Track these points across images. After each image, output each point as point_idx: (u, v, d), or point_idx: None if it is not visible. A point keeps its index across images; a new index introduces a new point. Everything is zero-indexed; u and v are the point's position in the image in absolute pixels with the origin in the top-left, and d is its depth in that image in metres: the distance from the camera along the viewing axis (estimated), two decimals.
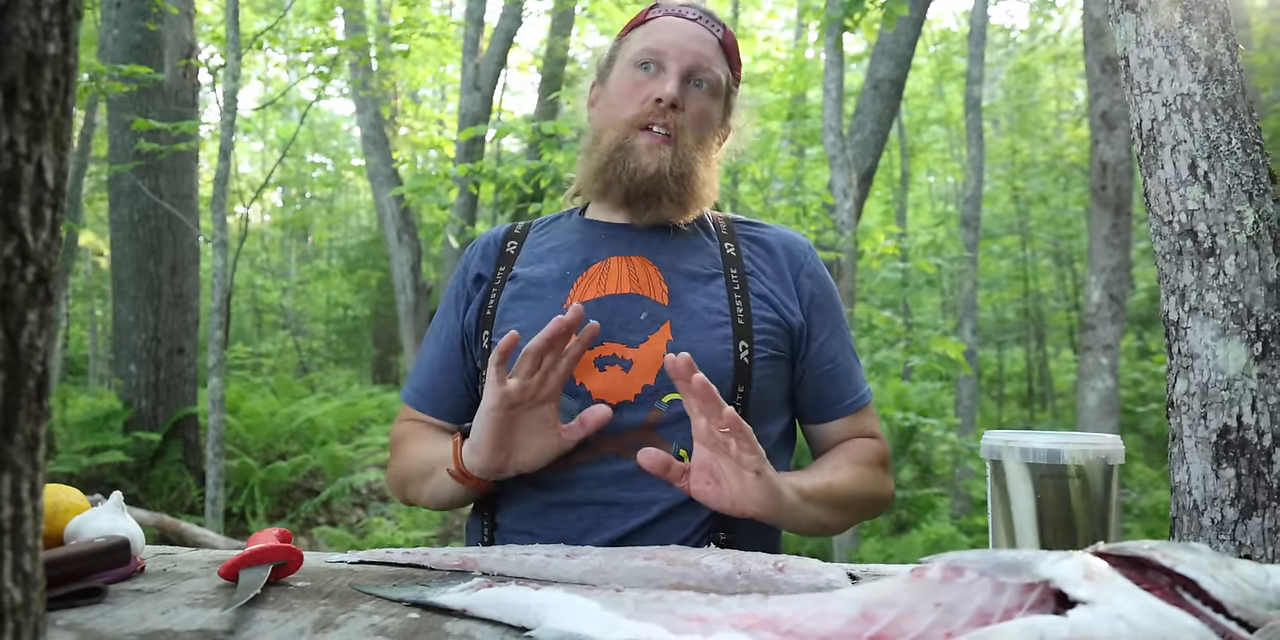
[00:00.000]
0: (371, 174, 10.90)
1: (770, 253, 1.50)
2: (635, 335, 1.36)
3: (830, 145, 5.82)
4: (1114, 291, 6.04)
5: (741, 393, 1.35)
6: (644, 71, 1.44)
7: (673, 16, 1.47)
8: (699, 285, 1.41)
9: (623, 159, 1.40)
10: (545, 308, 1.39)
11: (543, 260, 1.48)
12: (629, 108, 1.43)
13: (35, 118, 0.54)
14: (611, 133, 1.43)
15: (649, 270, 1.42)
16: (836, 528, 1.37)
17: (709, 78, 1.44)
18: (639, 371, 1.34)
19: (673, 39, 1.43)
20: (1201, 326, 1.08)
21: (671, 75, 1.41)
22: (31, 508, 0.55)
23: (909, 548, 6.87)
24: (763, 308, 1.41)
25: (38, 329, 0.56)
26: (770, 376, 1.40)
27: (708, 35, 1.46)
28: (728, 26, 1.50)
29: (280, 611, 0.90)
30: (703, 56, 1.43)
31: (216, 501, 4.76)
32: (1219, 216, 1.07)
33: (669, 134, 1.40)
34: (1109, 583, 0.69)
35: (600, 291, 1.40)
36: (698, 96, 1.44)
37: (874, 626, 0.72)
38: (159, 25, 6.60)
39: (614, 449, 1.33)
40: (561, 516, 1.34)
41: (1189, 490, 1.09)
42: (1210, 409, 1.07)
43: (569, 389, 1.33)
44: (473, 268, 1.53)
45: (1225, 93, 1.09)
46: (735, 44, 1.51)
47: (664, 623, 0.75)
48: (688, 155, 1.41)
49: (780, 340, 1.42)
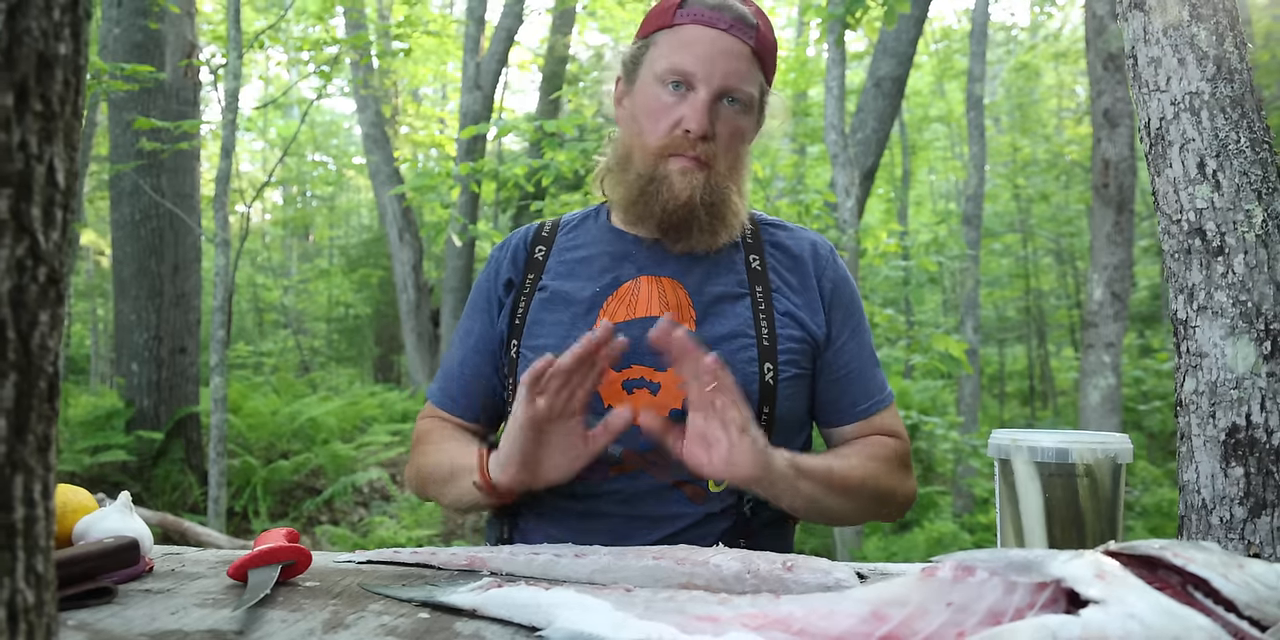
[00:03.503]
0: (373, 173, 10.91)
1: (795, 260, 1.48)
2: (663, 359, 1.33)
3: (832, 143, 5.82)
4: (1116, 289, 6.04)
5: (766, 413, 1.35)
6: (672, 91, 1.37)
7: (703, 25, 1.36)
8: (726, 307, 1.40)
9: (655, 190, 1.37)
10: (573, 326, 1.39)
11: (572, 272, 1.46)
12: (657, 131, 1.38)
13: (47, 118, 0.54)
14: (640, 158, 1.40)
15: (679, 293, 1.41)
16: (838, 513, 1.36)
17: (741, 96, 1.37)
18: (666, 395, 1.34)
19: (702, 55, 1.35)
20: (1210, 325, 1.08)
21: (701, 100, 1.35)
22: (44, 509, 0.55)
23: (911, 546, 6.87)
24: (788, 326, 1.41)
25: (49, 330, 0.56)
26: (795, 395, 1.40)
27: (739, 47, 1.36)
28: (763, 21, 1.40)
29: (290, 611, 0.90)
30: (734, 74, 1.36)
31: (219, 500, 4.77)
32: (1228, 215, 1.07)
33: (701, 158, 1.37)
34: (1121, 582, 0.69)
35: (630, 314, 1.39)
36: (729, 116, 1.38)
37: (885, 626, 0.72)
38: (160, 24, 6.60)
39: (641, 466, 1.34)
40: (584, 527, 1.35)
41: (1197, 489, 1.09)
42: (1219, 408, 1.07)
43: (596, 409, 1.32)
44: (503, 272, 1.51)
45: (1234, 91, 1.09)
46: (772, 45, 1.42)
47: (675, 622, 0.75)
48: (720, 184, 1.38)
49: (805, 358, 1.41)
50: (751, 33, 1.37)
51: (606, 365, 1.23)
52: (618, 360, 1.25)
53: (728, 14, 1.37)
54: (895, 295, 13.93)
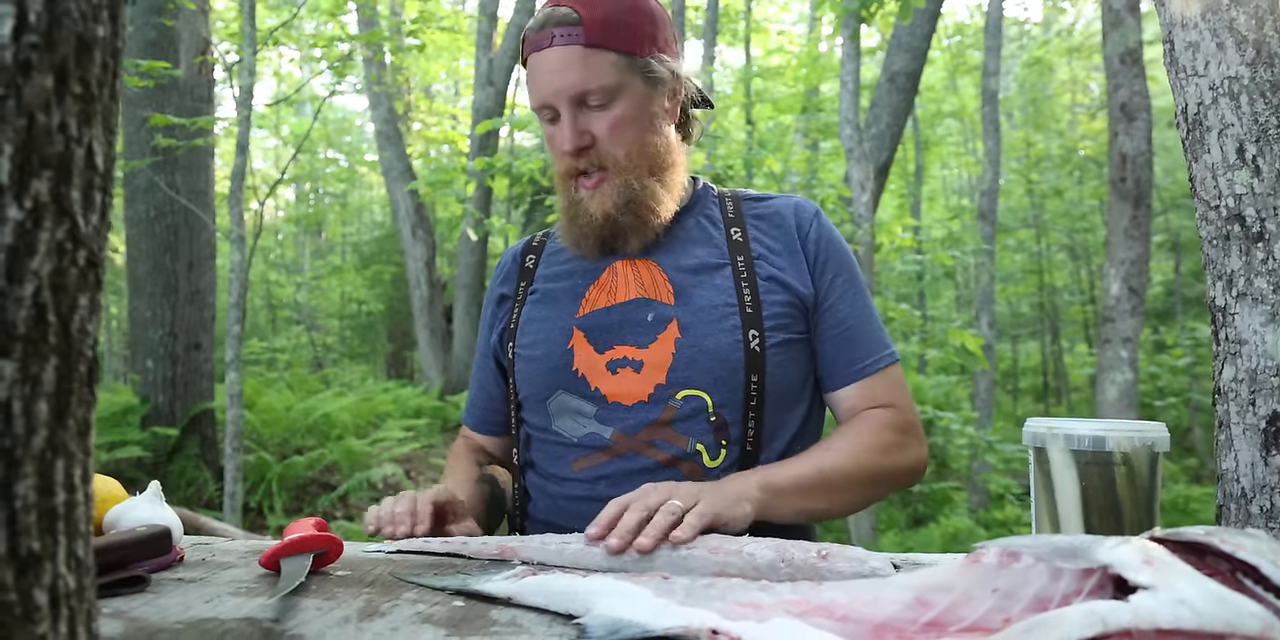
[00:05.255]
0: (385, 169, 10.92)
1: (777, 225, 1.48)
2: (644, 337, 1.39)
3: (847, 138, 5.80)
4: (1134, 284, 6.00)
5: (756, 382, 1.35)
6: (550, 124, 1.42)
7: (537, 51, 1.39)
8: (704, 279, 1.41)
9: (576, 213, 1.43)
10: (558, 318, 1.46)
11: (558, 274, 1.52)
12: (557, 163, 1.44)
13: (86, 101, 0.54)
14: (558, 188, 1.47)
15: (654, 272, 1.44)
16: (839, 511, 1.36)
17: (596, 93, 1.36)
18: (650, 371, 1.37)
19: (544, 81, 1.37)
20: (1250, 312, 1.07)
21: (564, 119, 1.38)
22: (83, 494, 0.54)
23: (927, 541, 6.85)
24: (773, 291, 1.40)
25: (89, 314, 0.56)
26: (786, 362, 1.39)
27: (568, 52, 1.36)
28: (585, 9, 1.36)
29: (324, 600, 0.89)
30: (575, 81, 1.35)
31: (235, 496, 4.77)
32: (1268, 200, 1.05)
33: (600, 169, 1.40)
34: (1170, 568, 0.68)
35: (610, 300, 1.43)
36: (599, 115, 1.39)
37: (930, 612, 0.71)
38: (175, 21, 6.61)
39: (632, 447, 1.36)
40: (587, 512, 1.35)
41: (1236, 478, 1.08)
42: (1259, 395, 1.06)
43: (584, 393, 1.39)
44: (496, 288, 1.61)
45: (1274, 75, 1.07)
46: (606, 22, 1.36)
47: (717, 609, 0.74)
48: (624, 181, 1.40)
49: (795, 322, 1.41)
50: (575, 30, 1.35)
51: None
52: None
53: (550, 27, 1.37)
54: (909, 290, 13.90)
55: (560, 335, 1.43)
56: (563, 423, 1.41)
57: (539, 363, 1.44)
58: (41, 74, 0.51)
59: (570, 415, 1.40)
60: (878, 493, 1.40)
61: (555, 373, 1.41)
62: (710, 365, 1.34)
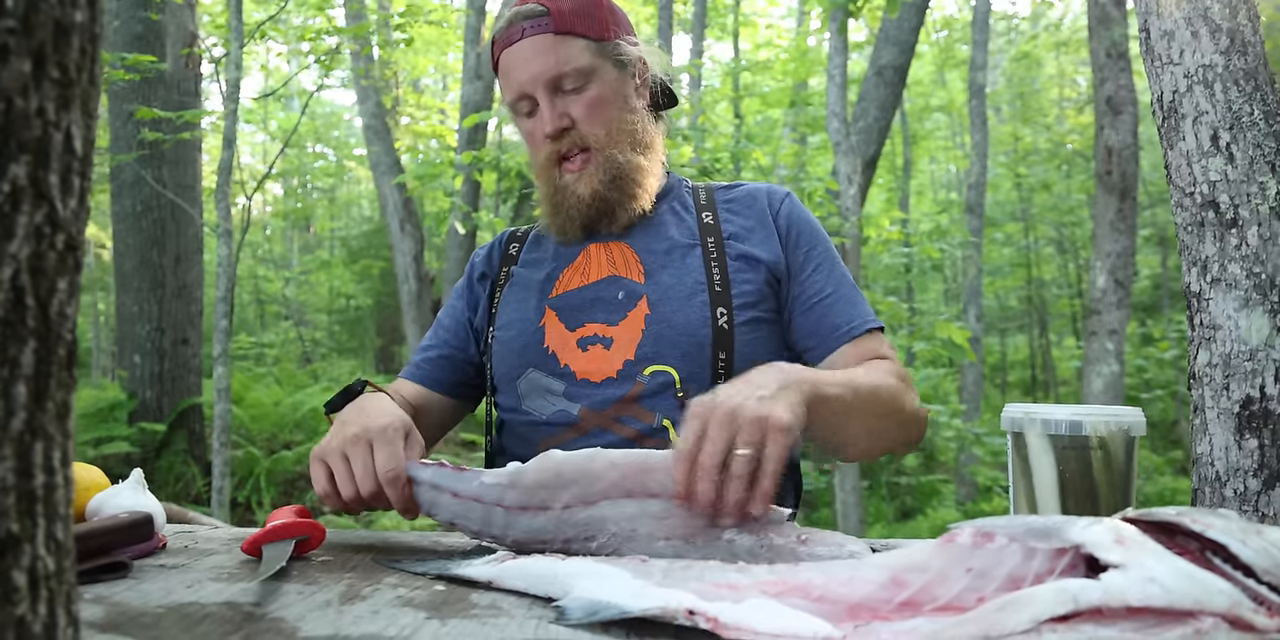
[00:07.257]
0: (373, 164, 10.88)
1: (748, 205, 1.51)
2: (614, 314, 1.41)
3: (834, 131, 5.81)
4: (1119, 276, 6.03)
5: (724, 358, 1.36)
6: (526, 116, 1.47)
7: (508, 47, 1.44)
8: (675, 259, 1.44)
9: (562, 199, 1.46)
10: (532, 299, 1.48)
11: (536, 260, 1.55)
12: (536, 153, 1.48)
13: (64, 85, 0.54)
14: (540, 180, 1.49)
15: (626, 253, 1.47)
16: (862, 430, 1.24)
17: (570, 76, 1.42)
18: (619, 348, 1.39)
19: (519, 73, 1.42)
20: (1224, 298, 1.08)
21: (544, 108, 1.42)
22: (63, 476, 0.54)
23: (914, 534, 6.89)
24: (743, 270, 1.42)
25: (67, 297, 0.56)
26: (755, 341, 1.39)
27: (539, 41, 1.42)
28: (554, 0, 1.43)
29: (305, 584, 0.90)
30: (549, 66, 1.41)
31: (223, 491, 4.76)
32: (1241, 187, 1.07)
33: (583, 150, 1.44)
34: (1140, 547, 0.69)
35: (583, 280, 1.46)
36: (575, 97, 1.43)
37: (905, 592, 0.72)
38: (161, 15, 6.58)
39: (599, 423, 1.36)
40: None
41: (1211, 462, 1.09)
42: (1233, 380, 1.07)
43: (554, 370, 1.41)
44: (478, 267, 1.62)
45: (1247, 64, 1.08)
46: (575, 8, 1.43)
47: (694, 590, 0.75)
48: (608, 156, 1.44)
49: (766, 300, 1.42)
50: (544, 20, 1.42)
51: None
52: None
53: (518, 21, 1.44)
54: (897, 284, 13.92)
55: (533, 314, 1.45)
56: (532, 402, 1.42)
57: (512, 342, 1.46)
58: (19, 58, 0.51)
59: (540, 393, 1.41)
60: (895, 427, 1.31)
61: (526, 350, 1.43)
62: (678, 340, 1.36)
